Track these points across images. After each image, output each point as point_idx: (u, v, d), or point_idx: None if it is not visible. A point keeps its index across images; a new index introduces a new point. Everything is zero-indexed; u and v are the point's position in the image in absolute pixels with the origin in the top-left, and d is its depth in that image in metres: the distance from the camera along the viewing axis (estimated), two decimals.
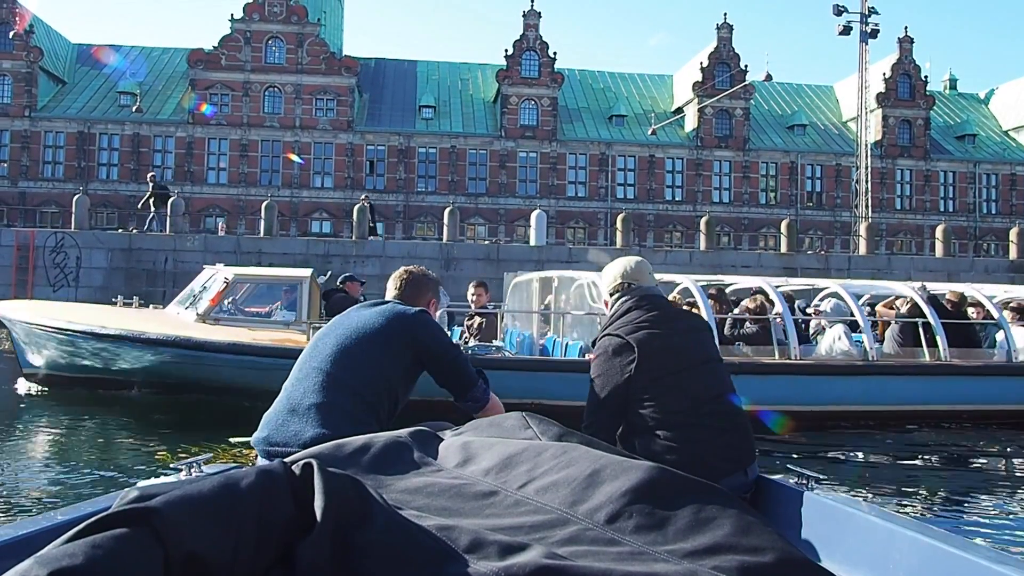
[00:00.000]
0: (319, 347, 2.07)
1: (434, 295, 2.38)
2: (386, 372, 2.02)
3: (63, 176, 33.82)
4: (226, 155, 34.98)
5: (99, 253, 17.18)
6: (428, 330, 2.13)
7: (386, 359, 2.02)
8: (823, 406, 6.63)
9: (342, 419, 1.86)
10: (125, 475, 4.90)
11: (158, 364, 7.17)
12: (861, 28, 29.26)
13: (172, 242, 18.21)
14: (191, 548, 0.62)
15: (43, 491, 4.64)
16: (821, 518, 1.45)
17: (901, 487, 5.16)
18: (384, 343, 2.03)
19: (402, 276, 2.36)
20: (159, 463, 5.12)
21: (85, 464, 5.34)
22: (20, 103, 33.87)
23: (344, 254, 18.23)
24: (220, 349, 6.76)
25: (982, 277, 20.62)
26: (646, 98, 40.42)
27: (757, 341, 6.71)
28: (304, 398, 1.95)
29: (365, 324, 2.08)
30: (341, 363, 1.99)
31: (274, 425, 1.95)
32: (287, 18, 35.20)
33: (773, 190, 37.82)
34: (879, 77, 38.01)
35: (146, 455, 5.61)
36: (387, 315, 2.10)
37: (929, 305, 7.02)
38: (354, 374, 1.98)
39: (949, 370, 6.85)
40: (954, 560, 1.09)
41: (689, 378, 2.13)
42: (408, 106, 37.47)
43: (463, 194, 35.62)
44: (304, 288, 7.71)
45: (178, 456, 5.11)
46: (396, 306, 2.17)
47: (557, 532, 0.76)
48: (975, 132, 40.27)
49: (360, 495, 0.74)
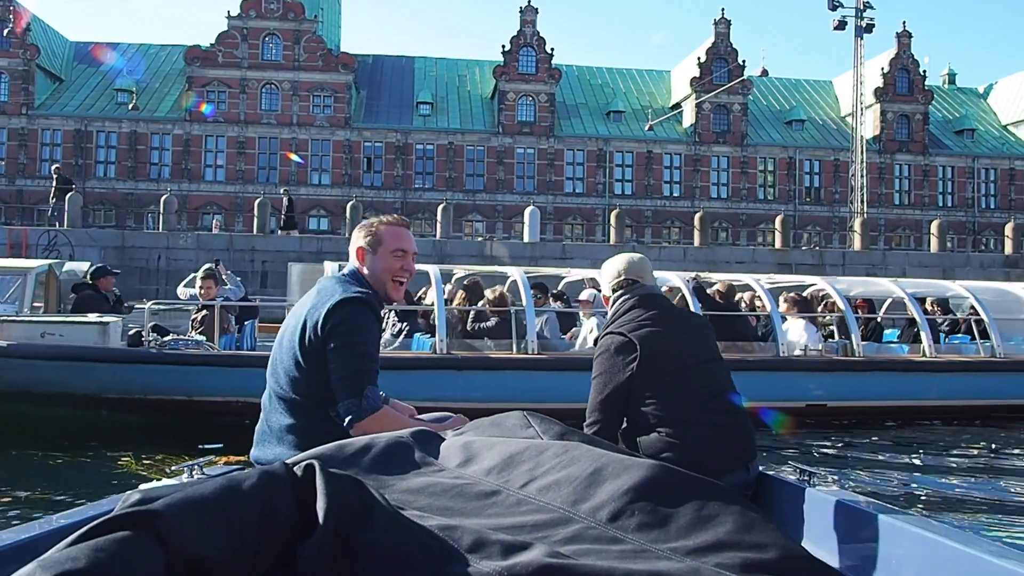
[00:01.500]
0: (272, 359, 1.94)
1: (363, 241, 2.01)
2: (323, 382, 1.82)
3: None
4: (223, 152, 34.95)
5: (92, 251, 17.16)
6: (334, 338, 1.80)
7: (318, 369, 1.82)
8: (557, 403, 6.25)
9: (310, 442, 1.65)
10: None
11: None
12: (856, 23, 29.26)
13: (165, 240, 18.24)
14: (193, 550, 0.62)
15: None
16: (823, 514, 1.46)
17: (903, 483, 5.17)
18: (310, 352, 1.82)
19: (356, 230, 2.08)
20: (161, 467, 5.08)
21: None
22: (17, 101, 33.79)
23: (338, 251, 18.25)
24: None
25: (977, 273, 20.68)
26: (644, 94, 40.39)
27: (497, 335, 6.43)
28: (275, 419, 1.88)
29: (292, 326, 1.88)
30: (287, 381, 1.85)
31: (260, 445, 1.92)
32: (284, 15, 35.13)
33: (771, 185, 37.83)
34: (877, 72, 38.02)
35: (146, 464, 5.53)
36: (305, 316, 1.85)
37: (694, 296, 6.69)
38: (303, 393, 1.84)
39: None
40: (956, 555, 1.10)
41: (691, 376, 2.14)
42: (405, 103, 37.43)
43: (461, 191, 35.61)
44: (29, 281, 7.20)
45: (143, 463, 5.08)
46: (316, 303, 1.87)
47: (559, 531, 0.77)
48: (974, 127, 40.28)
49: (362, 496, 0.74)
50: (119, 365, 5.93)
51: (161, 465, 4.96)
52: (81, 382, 5.85)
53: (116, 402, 6.05)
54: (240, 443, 2.34)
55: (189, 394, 6.01)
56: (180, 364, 5.97)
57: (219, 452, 2.84)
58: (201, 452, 1.89)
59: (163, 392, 6.00)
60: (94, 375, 5.88)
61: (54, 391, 5.78)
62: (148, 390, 5.99)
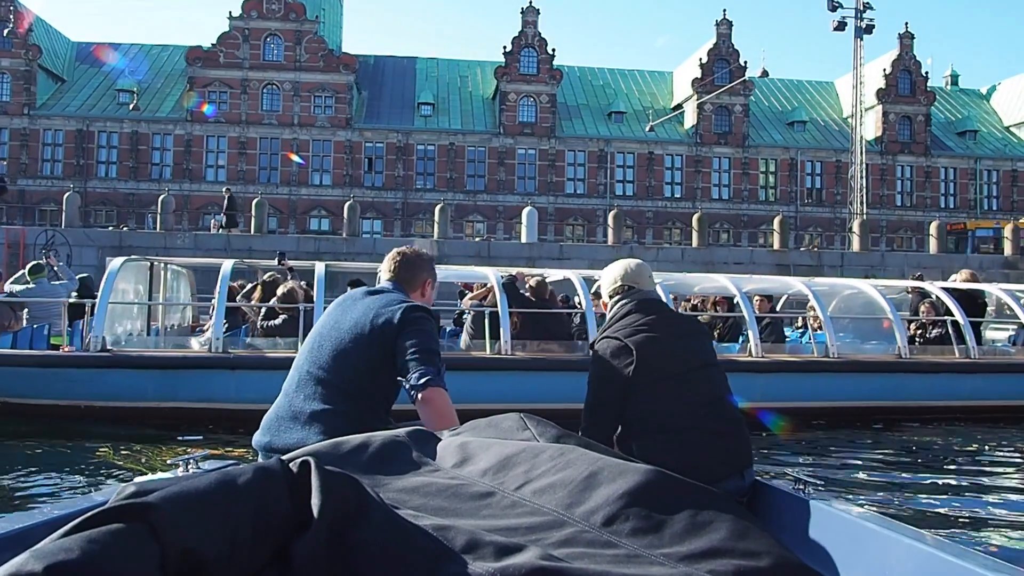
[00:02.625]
0: (316, 347, 2.06)
1: (430, 275, 2.33)
2: (378, 373, 2.01)
3: (62, 174, 33.81)
4: (224, 153, 34.98)
5: (89, 250, 17.19)
6: (413, 327, 2.01)
7: (378, 361, 2.00)
8: None
9: (345, 426, 1.83)
10: None
11: None
12: (856, 24, 29.26)
13: (162, 240, 18.25)
14: (187, 544, 0.62)
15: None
16: (818, 523, 1.45)
17: (897, 490, 5.16)
18: (376, 345, 2.00)
19: (395, 258, 2.30)
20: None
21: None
22: (19, 101, 33.84)
23: (335, 251, 18.29)
24: None
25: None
26: (646, 95, 40.38)
27: (285, 332, 6.34)
28: (305, 405, 1.97)
29: (358, 323, 2.03)
30: (337, 368, 1.99)
31: (276, 430, 1.98)
32: (285, 15, 35.16)
33: (773, 187, 37.80)
34: (879, 73, 37.98)
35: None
36: (377, 314, 2.03)
37: (503, 293, 6.47)
38: (351, 380, 1.98)
39: (514, 365, 6.20)
40: (949, 567, 1.10)
41: (687, 382, 2.14)
42: (407, 103, 37.45)
43: (462, 191, 35.61)
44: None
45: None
46: (388, 302, 2.08)
47: (553, 534, 0.76)
48: (976, 128, 40.22)
49: (357, 493, 0.74)
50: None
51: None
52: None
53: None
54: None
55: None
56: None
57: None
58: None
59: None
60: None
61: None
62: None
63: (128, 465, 4.90)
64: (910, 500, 4.48)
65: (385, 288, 2.21)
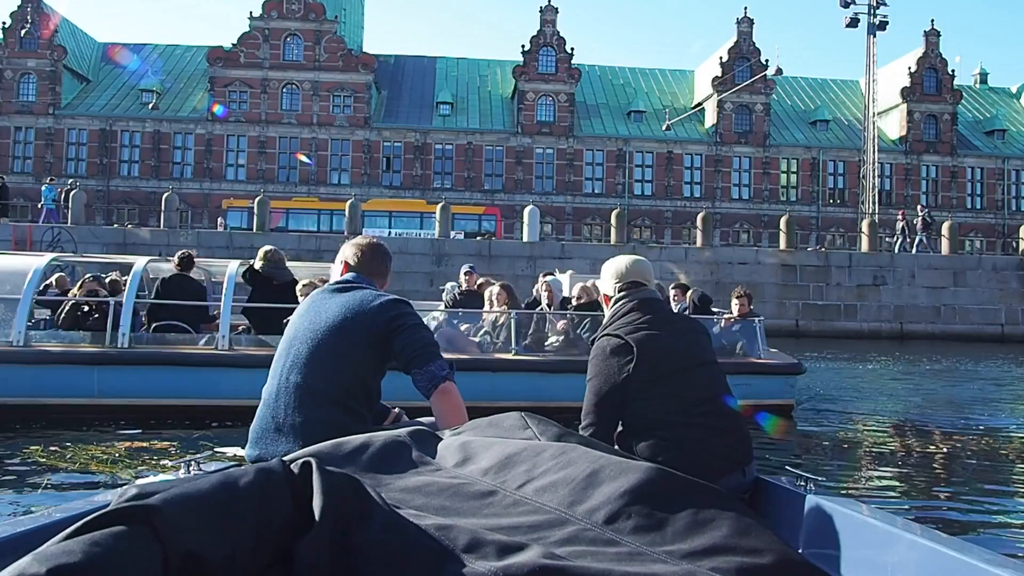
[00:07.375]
0: (293, 351, 1.97)
1: (390, 265, 2.26)
2: (362, 373, 1.94)
3: (85, 173, 34.36)
4: (244, 152, 35.35)
5: (95, 248, 17.42)
6: (407, 321, 1.97)
7: (363, 360, 1.94)
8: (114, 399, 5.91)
9: (329, 432, 1.67)
10: None
11: None
12: (869, 20, 28.84)
13: (166, 237, 18.44)
14: (189, 546, 0.63)
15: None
16: (819, 520, 1.45)
17: (901, 488, 5.08)
18: (362, 344, 1.93)
19: (361, 244, 2.22)
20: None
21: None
22: (45, 101, 34.46)
23: (336, 250, 18.31)
24: None
25: (989, 275, 20.23)
26: (665, 94, 40.11)
27: (92, 326, 6.42)
28: (287, 416, 1.90)
29: (336, 322, 1.94)
30: (318, 372, 1.91)
31: (264, 443, 1.92)
32: (305, 15, 35.45)
33: (794, 187, 37.36)
34: (904, 71, 37.40)
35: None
36: (358, 311, 1.95)
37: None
38: (334, 383, 1.90)
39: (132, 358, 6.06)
40: (952, 562, 1.08)
41: (686, 379, 2.14)
42: (425, 102, 37.55)
43: (479, 191, 35.64)
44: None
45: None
46: (366, 298, 1.99)
47: (555, 532, 0.76)
48: (1005, 127, 39.41)
49: (359, 494, 0.74)
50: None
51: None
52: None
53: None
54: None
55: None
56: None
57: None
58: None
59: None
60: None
61: None
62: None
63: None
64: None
65: (353, 282, 2.10)
